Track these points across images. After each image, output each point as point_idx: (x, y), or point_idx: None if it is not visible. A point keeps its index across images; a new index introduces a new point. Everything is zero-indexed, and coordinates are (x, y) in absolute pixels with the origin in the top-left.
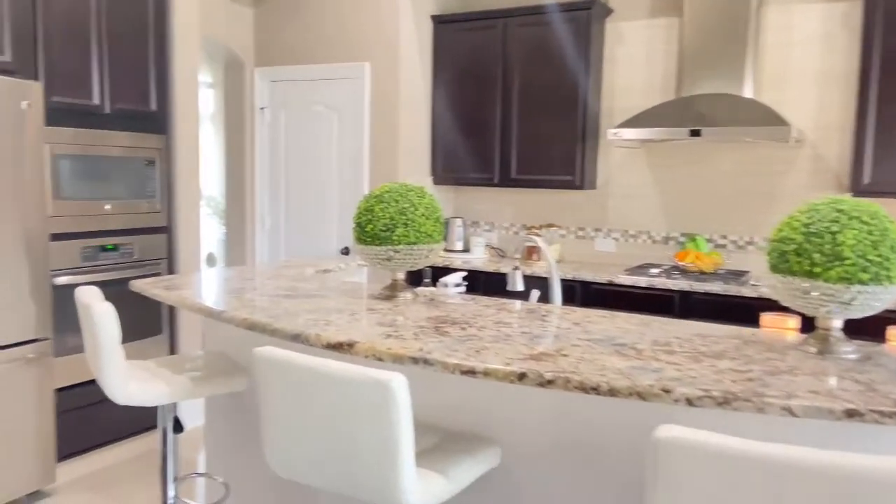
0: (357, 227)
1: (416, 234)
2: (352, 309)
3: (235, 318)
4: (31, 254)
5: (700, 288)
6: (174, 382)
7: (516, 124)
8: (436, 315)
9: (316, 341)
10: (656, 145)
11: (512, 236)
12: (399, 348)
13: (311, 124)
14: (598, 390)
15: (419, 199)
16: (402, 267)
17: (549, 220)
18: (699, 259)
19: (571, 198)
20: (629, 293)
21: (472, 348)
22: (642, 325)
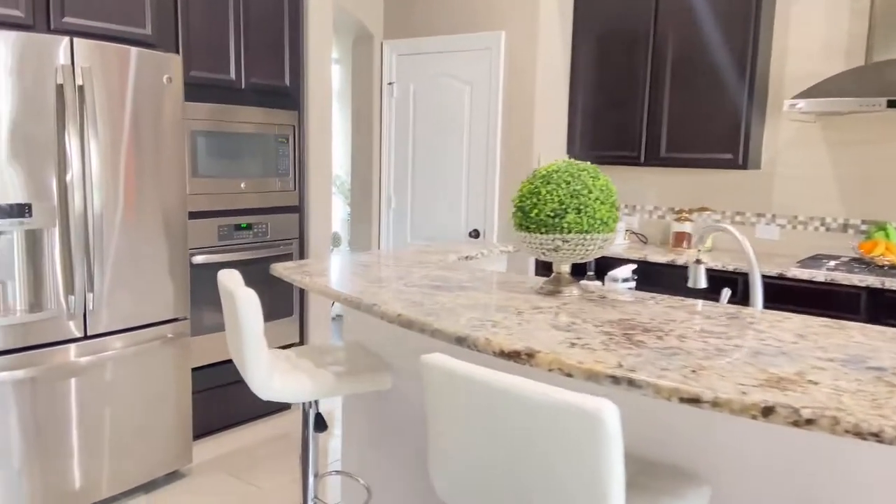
0: (518, 211)
1: (590, 222)
2: (515, 306)
3: (388, 313)
4: (171, 233)
5: (893, 285)
6: (317, 377)
7: (668, 96)
8: (617, 318)
9: (486, 347)
10: (835, 119)
11: (656, 221)
12: (592, 362)
13: (440, 99)
14: (880, 437)
15: (593, 181)
16: (570, 259)
17: (701, 203)
18: (890, 251)
19: (728, 178)
20: (803, 289)
21: (684, 366)
22: (886, 339)
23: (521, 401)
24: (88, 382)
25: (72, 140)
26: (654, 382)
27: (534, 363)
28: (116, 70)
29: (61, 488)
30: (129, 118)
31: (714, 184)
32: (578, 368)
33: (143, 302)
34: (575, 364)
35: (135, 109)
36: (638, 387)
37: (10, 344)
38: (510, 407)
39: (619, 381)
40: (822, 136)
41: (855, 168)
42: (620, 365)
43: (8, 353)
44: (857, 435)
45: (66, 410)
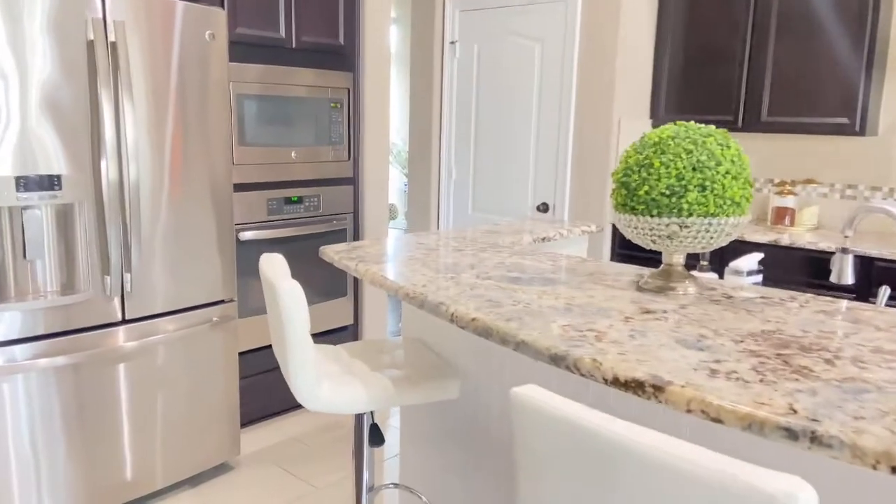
0: (622, 188)
1: (717, 202)
2: (619, 309)
3: (461, 316)
4: (216, 207)
5: None
6: (373, 384)
7: (772, 51)
8: (760, 329)
9: (593, 371)
10: None
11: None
12: (751, 403)
13: (507, 59)
14: None
15: (722, 150)
16: (688, 248)
17: (806, 174)
18: None
19: (839, 146)
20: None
21: (884, 412)
22: None
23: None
24: (129, 370)
25: (104, 104)
26: (851, 441)
27: (664, 399)
28: (153, 25)
29: (106, 481)
30: (168, 80)
31: (822, 152)
32: (732, 413)
33: (186, 283)
34: (727, 406)
35: (174, 70)
36: (827, 446)
37: (44, 329)
38: (644, 476)
39: (798, 436)
40: None
41: None
42: (793, 409)
43: (42, 339)
44: None
45: (106, 399)
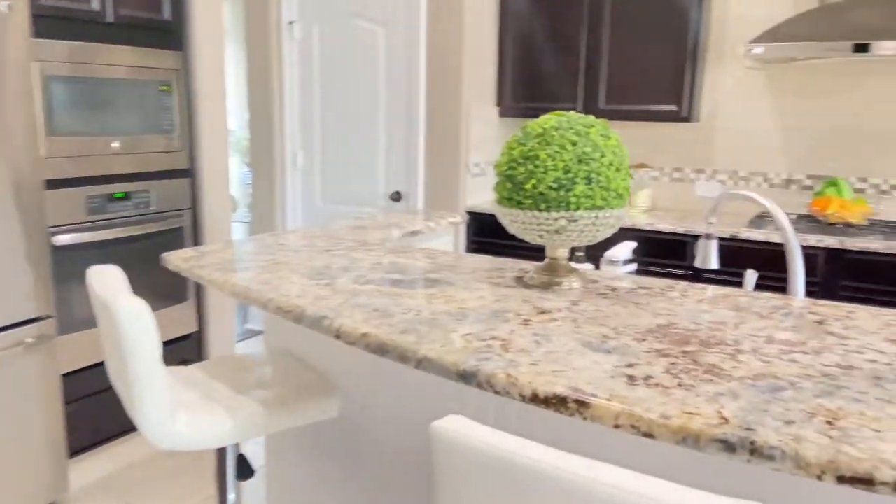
0: (506, 181)
1: (604, 194)
2: (515, 310)
3: (349, 332)
4: (22, 208)
5: (853, 245)
6: (240, 410)
7: (607, 42)
8: (656, 324)
9: (508, 388)
10: (780, 67)
11: None
12: (681, 414)
13: (351, 42)
14: None
15: (605, 141)
16: (574, 242)
17: (640, 159)
18: (845, 208)
19: (668, 132)
20: (756, 251)
21: (810, 414)
22: None
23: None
24: None
25: None
26: (793, 451)
27: (589, 415)
28: None
29: None
30: None
31: (653, 138)
32: (665, 427)
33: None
34: (657, 419)
35: None
36: (768, 457)
37: None
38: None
39: (735, 448)
40: (766, 87)
41: (800, 119)
42: (723, 417)
43: None
44: None
45: None
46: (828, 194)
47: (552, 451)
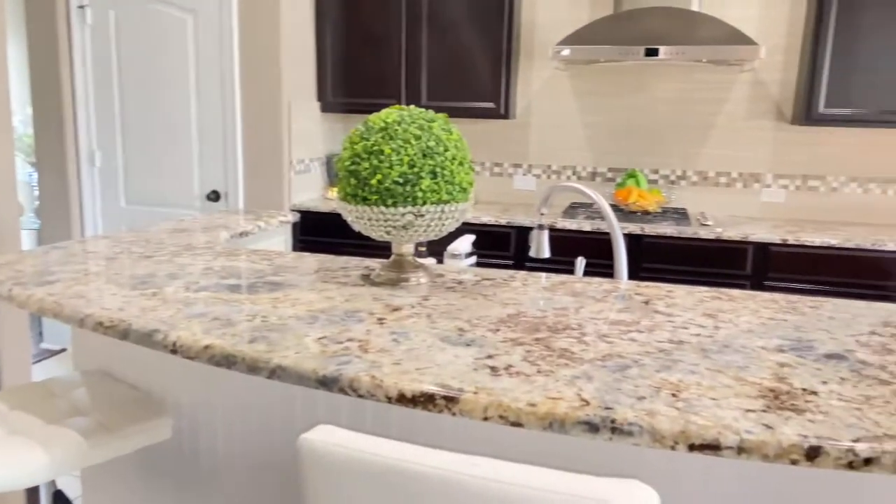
0: (350, 177)
1: (449, 189)
2: (365, 309)
3: (189, 345)
4: None
5: (652, 230)
6: (55, 442)
7: (425, 38)
8: (506, 314)
9: (373, 390)
10: (583, 69)
11: None
12: (546, 400)
13: (155, 30)
14: None
15: (447, 135)
16: (421, 237)
17: None
18: (643, 197)
19: (486, 128)
20: (570, 238)
21: (656, 388)
22: (793, 311)
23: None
24: None
25: None
26: (649, 425)
27: (458, 410)
28: None
29: None
30: None
31: (474, 134)
32: (532, 414)
33: None
34: (525, 407)
35: None
36: (627, 434)
37: None
38: None
39: (598, 428)
40: (571, 86)
41: (601, 117)
42: (583, 399)
43: None
44: None
45: None
46: (628, 185)
47: (431, 452)
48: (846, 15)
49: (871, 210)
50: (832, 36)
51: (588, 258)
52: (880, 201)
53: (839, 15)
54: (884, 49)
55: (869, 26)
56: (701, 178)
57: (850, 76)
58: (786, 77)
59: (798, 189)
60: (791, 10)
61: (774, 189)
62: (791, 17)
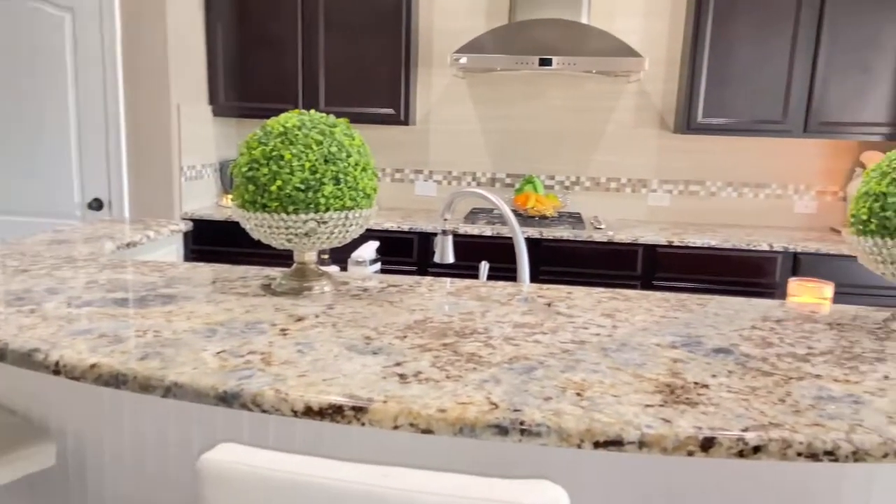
0: (248, 183)
1: (352, 195)
2: (267, 320)
3: (74, 365)
4: None
5: (549, 234)
6: None
7: (323, 42)
8: (413, 321)
9: (278, 405)
10: (480, 76)
11: None
12: (456, 406)
13: (27, 27)
14: (834, 455)
15: (349, 140)
16: (323, 245)
17: None
18: (540, 202)
19: (387, 134)
20: (473, 244)
21: (561, 388)
22: (682, 308)
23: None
24: None
25: None
26: (556, 425)
27: (367, 420)
28: None
29: None
30: None
31: (375, 140)
32: (443, 420)
33: None
34: (435, 414)
35: None
36: (535, 434)
37: None
38: None
39: (508, 431)
40: (469, 93)
41: (499, 124)
42: (492, 403)
43: None
44: (811, 457)
45: None
46: (526, 191)
47: (339, 464)
48: (720, 29)
49: (746, 213)
50: (708, 49)
51: (491, 262)
52: (753, 204)
53: (714, 29)
54: (754, 62)
55: (740, 41)
56: (593, 184)
57: (724, 87)
58: (668, 88)
59: (681, 193)
60: (671, 25)
61: (660, 194)
62: (671, 30)
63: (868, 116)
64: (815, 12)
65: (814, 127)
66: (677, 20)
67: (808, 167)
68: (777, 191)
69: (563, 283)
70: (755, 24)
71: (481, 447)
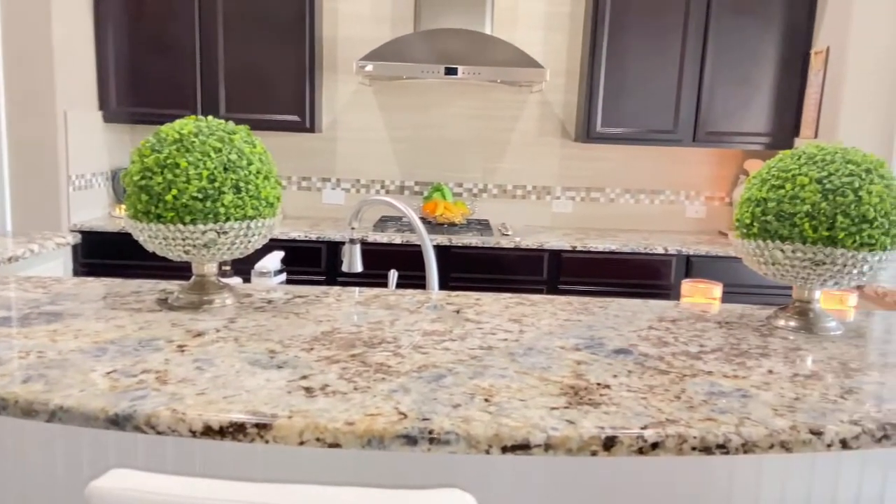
0: (141, 192)
1: (254, 204)
2: (164, 336)
3: None
4: None
5: (458, 241)
6: None
7: (222, 47)
8: (319, 332)
9: (175, 426)
10: (387, 84)
11: None
12: (364, 417)
13: None
14: (726, 448)
15: (250, 148)
16: (225, 255)
17: None
18: (449, 210)
19: (293, 142)
20: (381, 252)
21: (470, 395)
22: (585, 311)
23: None
24: None
25: None
26: (465, 432)
27: (272, 437)
28: None
29: None
30: None
31: (280, 148)
32: (351, 433)
33: None
34: (342, 427)
35: None
36: (444, 442)
37: None
38: None
39: (416, 440)
40: (376, 101)
41: (406, 132)
42: (401, 413)
43: None
44: (704, 451)
45: None
46: (434, 199)
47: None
48: (615, 43)
49: (643, 218)
50: (605, 62)
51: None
52: (649, 210)
53: (609, 43)
54: (647, 74)
55: (634, 54)
56: (500, 191)
57: (620, 98)
58: (568, 98)
59: (583, 200)
60: (570, 37)
61: (563, 200)
62: (570, 43)
63: (750, 127)
64: (701, 27)
65: (701, 136)
66: (576, 33)
67: (697, 174)
68: (671, 197)
69: (472, 290)
70: (647, 38)
71: (392, 459)
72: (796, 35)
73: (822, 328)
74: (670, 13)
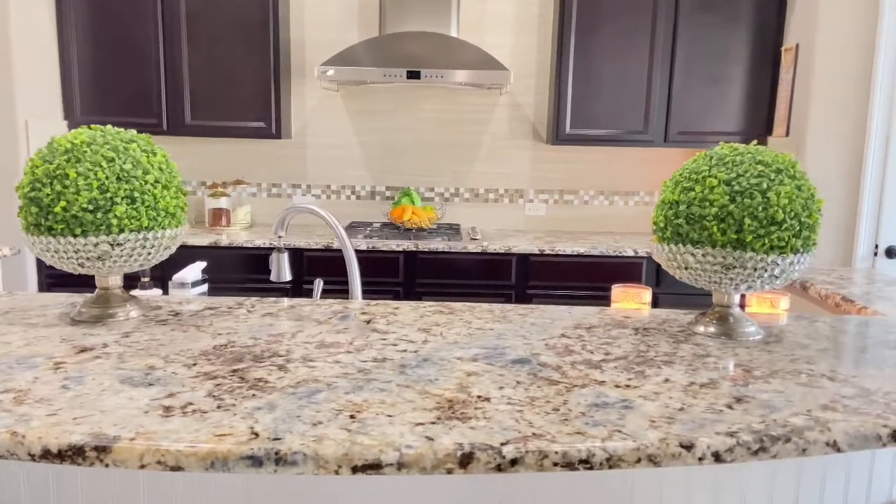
0: (31, 204)
1: (151, 214)
2: (44, 353)
3: None
4: None
5: (426, 246)
6: None
7: (186, 55)
8: (212, 346)
9: (14, 449)
10: (355, 89)
11: (189, 198)
12: (210, 438)
13: None
14: (590, 464)
15: (149, 158)
16: (123, 268)
17: (236, 175)
18: (417, 215)
19: (262, 148)
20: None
21: (338, 410)
22: (503, 319)
23: None
24: None
25: None
26: (313, 452)
27: (111, 460)
28: None
29: None
30: None
31: (248, 154)
32: (193, 455)
33: None
34: (185, 449)
35: None
36: (292, 463)
37: None
38: None
39: (262, 462)
40: (344, 106)
41: (375, 137)
42: (254, 432)
43: None
44: (567, 466)
45: None
46: (403, 203)
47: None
48: (583, 44)
49: (616, 220)
50: (573, 63)
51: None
52: (624, 211)
53: (577, 44)
54: (617, 75)
55: (603, 55)
56: (472, 195)
57: (590, 100)
58: (538, 100)
59: (556, 203)
60: (539, 39)
61: (536, 203)
62: (540, 45)
63: (721, 126)
64: (670, 26)
65: (673, 136)
66: (545, 34)
67: (670, 174)
68: (645, 198)
69: (439, 295)
70: (615, 39)
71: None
72: (766, 32)
73: (742, 333)
74: (638, 13)
